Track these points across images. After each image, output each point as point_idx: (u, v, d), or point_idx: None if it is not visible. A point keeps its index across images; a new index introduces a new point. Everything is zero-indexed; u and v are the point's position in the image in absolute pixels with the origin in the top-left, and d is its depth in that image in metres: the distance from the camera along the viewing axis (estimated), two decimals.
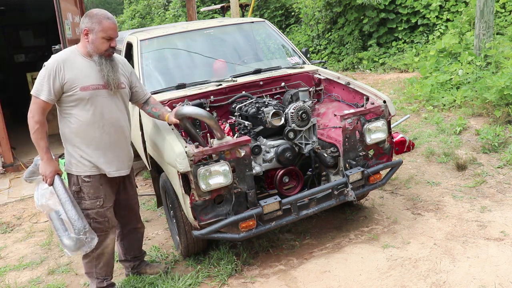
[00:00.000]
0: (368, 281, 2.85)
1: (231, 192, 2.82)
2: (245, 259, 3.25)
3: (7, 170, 5.90)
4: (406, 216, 3.62)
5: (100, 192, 2.73)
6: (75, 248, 2.63)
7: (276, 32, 4.42)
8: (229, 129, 3.36)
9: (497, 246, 3.04)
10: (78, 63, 2.61)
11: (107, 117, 2.68)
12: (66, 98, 2.60)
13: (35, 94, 2.57)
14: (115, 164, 2.76)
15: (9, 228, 4.34)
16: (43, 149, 2.61)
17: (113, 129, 2.72)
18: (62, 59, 2.59)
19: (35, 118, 2.57)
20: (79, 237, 2.58)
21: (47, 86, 2.54)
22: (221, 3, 15.02)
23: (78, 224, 2.57)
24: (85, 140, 2.66)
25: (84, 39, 2.63)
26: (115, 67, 2.69)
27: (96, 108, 2.64)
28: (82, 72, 2.61)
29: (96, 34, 2.59)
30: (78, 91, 2.58)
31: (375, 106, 3.23)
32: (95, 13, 2.62)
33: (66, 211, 2.60)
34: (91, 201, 2.71)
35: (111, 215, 2.81)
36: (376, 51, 10.35)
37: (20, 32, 9.94)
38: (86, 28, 2.60)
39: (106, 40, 2.61)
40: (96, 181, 2.71)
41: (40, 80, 2.57)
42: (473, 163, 4.35)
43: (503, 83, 4.99)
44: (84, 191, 2.70)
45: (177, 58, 4.04)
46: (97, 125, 2.66)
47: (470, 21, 7.76)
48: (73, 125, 2.64)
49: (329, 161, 3.21)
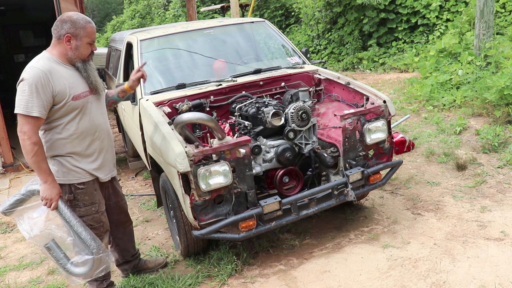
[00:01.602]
0: (368, 281, 2.85)
1: (231, 192, 2.82)
2: (245, 259, 3.25)
3: (7, 170, 5.90)
4: (406, 216, 3.62)
5: (94, 197, 2.66)
6: (92, 270, 2.50)
7: (276, 32, 4.42)
8: (229, 129, 3.36)
9: (497, 246, 3.04)
10: (62, 71, 2.47)
11: (97, 123, 2.63)
12: (56, 110, 2.45)
13: (25, 112, 2.33)
14: (106, 168, 2.74)
15: (9, 228, 4.34)
16: (46, 171, 2.42)
17: (102, 134, 2.68)
18: (46, 69, 2.40)
19: (32, 139, 2.35)
20: (98, 256, 2.48)
21: (37, 101, 2.34)
22: (221, 3, 15.02)
23: (94, 243, 2.48)
24: (78, 148, 2.56)
25: (65, 45, 2.48)
26: (95, 71, 2.63)
27: (87, 115, 2.57)
28: (68, 80, 2.47)
29: (81, 40, 2.48)
30: (70, 101, 2.46)
31: (375, 106, 3.23)
32: (76, 18, 2.48)
33: (79, 233, 2.46)
34: (86, 208, 2.62)
35: (106, 219, 2.76)
36: (376, 51, 10.35)
37: (20, 32, 9.94)
38: (68, 34, 2.45)
39: (89, 45, 2.54)
40: (90, 187, 2.64)
41: (27, 96, 2.34)
42: (473, 163, 4.35)
43: (503, 83, 4.99)
44: (78, 198, 2.60)
45: (177, 58, 4.04)
46: (90, 132, 2.59)
47: (470, 21, 7.76)
48: (62, 135, 2.51)
49: (329, 161, 3.21)
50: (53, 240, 2.49)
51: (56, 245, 2.50)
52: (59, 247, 2.50)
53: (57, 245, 2.50)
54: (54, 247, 2.50)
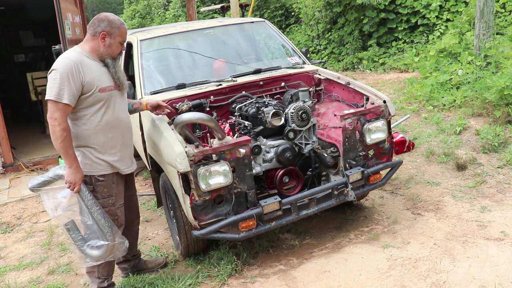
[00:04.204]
0: (368, 281, 2.85)
1: (231, 192, 2.82)
2: (245, 259, 3.25)
3: (7, 170, 5.90)
4: (406, 216, 3.62)
5: (112, 190, 2.77)
6: (105, 255, 2.65)
7: (276, 32, 4.42)
8: (229, 129, 3.36)
9: (497, 246, 3.04)
10: (91, 64, 2.62)
11: (120, 117, 2.76)
12: (83, 99, 2.58)
13: (56, 99, 2.47)
14: (127, 161, 2.86)
15: (9, 228, 4.34)
16: (72, 156, 2.56)
17: (124, 128, 2.81)
18: (78, 59, 2.56)
19: (62, 125, 2.49)
20: (114, 242, 2.64)
21: (68, 88, 2.49)
22: (221, 3, 15.01)
23: (110, 230, 2.63)
24: (101, 140, 2.68)
25: (99, 42, 2.64)
26: (122, 68, 2.78)
27: (112, 108, 2.70)
28: (96, 73, 2.63)
29: (114, 39, 2.65)
30: (97, 93, 2.60)
31: (375, 106, 3.23)
32: (112, 18, 2.66)
33: (96, 218, 2.62)
34: (103, 200, 2.74)
35: (121, 213, 2.85)
36: (376, 51, 10.35)
37: (20, 32, 9.92)
38: (104, 32, 2.63)
39: (120, 44, 2.71)
40: (109, 179, 2.75)
41: (59, 84, 2.48)
42: (473, 163, 4.35)
43: (503, 83, 4.99)
44: (97, 190, 2.71)
45: (177, 58, 4.04)
46: (113, 125, 2.71)
47: (470, 21, 7.76)
48: (87, 126, 2.64)
49: (329, 161, 3.21)
50: (73, 222, 2.65)
51: (75, 226, 2.65)
52: (77, 229, 2.65)
53: (76, 227, 2.65)
54: (73, 228, 2.64)
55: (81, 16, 6.65)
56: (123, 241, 2.73)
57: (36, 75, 8.09)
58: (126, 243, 2.75)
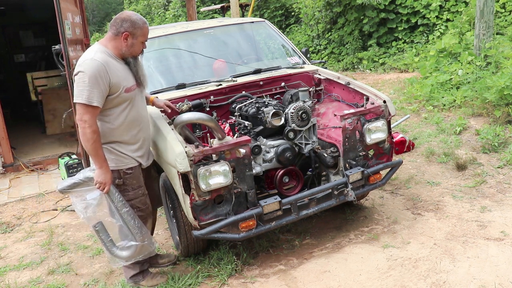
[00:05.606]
0: (368, 281, 2.85)
1: (231, 192, 2.82)
2: (245, 259, 3.25)
3: (7, 170, 5.89)
4: (406, 216, 3.62)
5: (140, 181, 2.87)
6: (134, 255, 2.71)
7: (276, 32, 4.42)
8: (229, 129, 3.36)
9: (497, 246, 3.04)
10: (116, 65, 2.66)
11: (142, 114, 2.83)
12: (110, 100, 2.62)
13: (86, 102, 2.50)
14: (147, 155, 2.95)
15: (9, 228, 4.34)
16: (102, 157, 2.62)
17: (145, 124, 2.89)
18: (103, 61, 2.58)
19: (93, 127, 2.54)
20: (143, 243, 2.69)
21: (97, 91, 2.52)
22: (221, 3, 15.00)
23: (139, 231, 2.68)
24: (125, 137, 2.75)
25: (122, 42, 2.66)
26: (142, 66, 2.84)
27: (135, 106, 2.77)
28: (121, 73, 2.67)
29: (137, 38, 2.68)
30: (123, 93, 2.66)
31: (375, 106, 3.24)
32: (135, 18, 2.67)
33: (126, 219, 2.66)
34: (134, 191, 2.81)
35: (149, 201, 2.95)
36: (376, 51, 10.35)
37: (20, 32, 9.93)
38: (127, 32, 2.64)
39: (142, 44, 2.75)
40: (136, 171, 2.84)
41: (89, 86, 2.50)
42: (473, 163, 4.35)
43: (503, 83, 4.99)
44: (127, 183, 2.79)
45: (177, 58, 4.04)
46: (137, 123, 2.79)
47: (470, 21, 7.76)
48: (112, 124, 2.69)
49: (329, 161, 3.21)
50: (101, 223, 2.68)
51: (104, 228, 2.69)
52: (106, 231, 2.69)
53: (104, 228, 2.69)
54: (102, 230, 2.71)
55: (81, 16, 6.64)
56: (151, 240, 2.78)
57: (36, 75, 8.09)
58: (155, 243, 2.81)
